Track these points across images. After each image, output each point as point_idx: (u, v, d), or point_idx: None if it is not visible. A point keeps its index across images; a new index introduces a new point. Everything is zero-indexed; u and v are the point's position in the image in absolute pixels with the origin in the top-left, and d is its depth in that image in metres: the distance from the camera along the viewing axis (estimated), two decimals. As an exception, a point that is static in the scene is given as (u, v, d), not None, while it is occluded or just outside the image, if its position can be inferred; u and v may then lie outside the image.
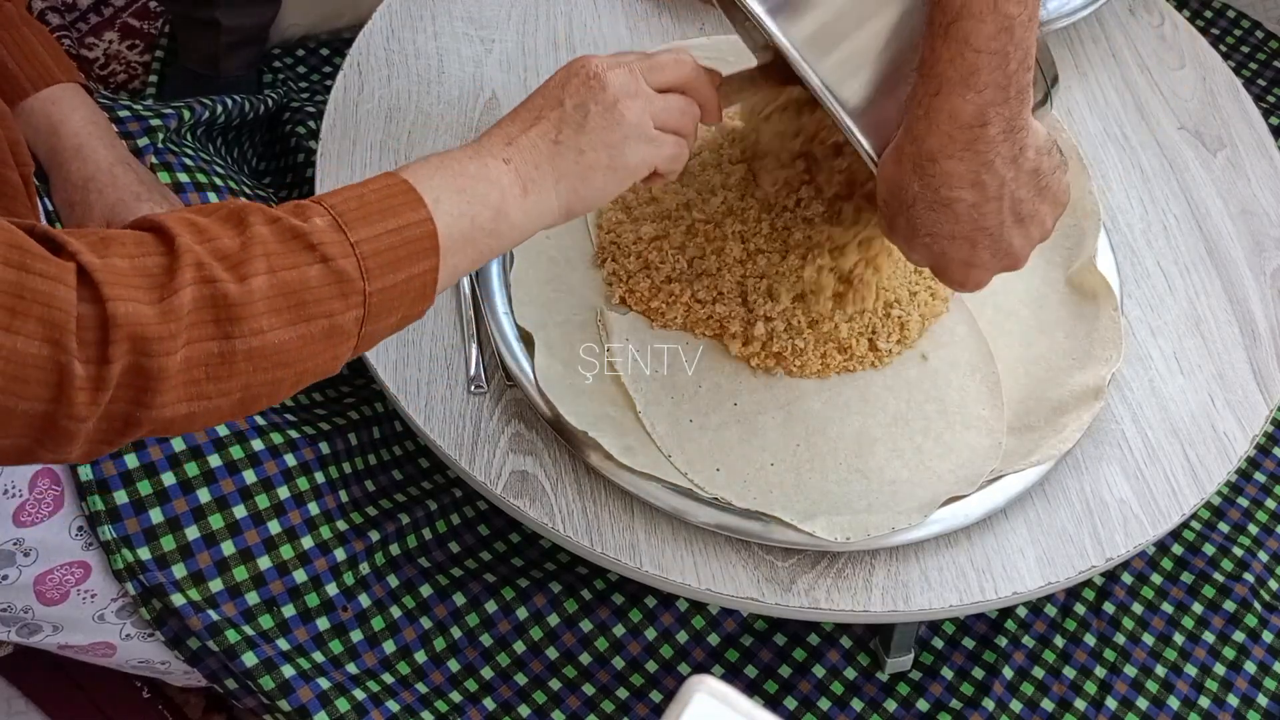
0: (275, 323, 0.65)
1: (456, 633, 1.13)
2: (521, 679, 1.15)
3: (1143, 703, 1.23)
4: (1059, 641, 1.26)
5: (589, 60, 0.79)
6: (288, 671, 1.00)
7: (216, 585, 1.00)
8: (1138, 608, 1.29)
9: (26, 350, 0.58)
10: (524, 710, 1.13)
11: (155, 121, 1.13)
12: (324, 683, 1.01)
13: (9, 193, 0.85)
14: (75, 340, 0.59)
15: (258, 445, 1.03)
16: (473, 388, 1.01)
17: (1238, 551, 1.33)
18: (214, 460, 1.01)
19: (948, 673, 1.24)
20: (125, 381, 0.61)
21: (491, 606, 1.15)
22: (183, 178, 1.11)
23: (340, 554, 1.05)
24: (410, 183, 0.71)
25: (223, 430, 1.01)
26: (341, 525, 1.07)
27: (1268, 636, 1.29)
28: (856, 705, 1.21)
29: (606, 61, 0.79)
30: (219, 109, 1.27)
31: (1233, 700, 1.25)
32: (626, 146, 0.78)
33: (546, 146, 0.77)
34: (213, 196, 1.12)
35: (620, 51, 0.83)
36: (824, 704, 1.21)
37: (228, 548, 1.01)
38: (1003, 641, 1.25)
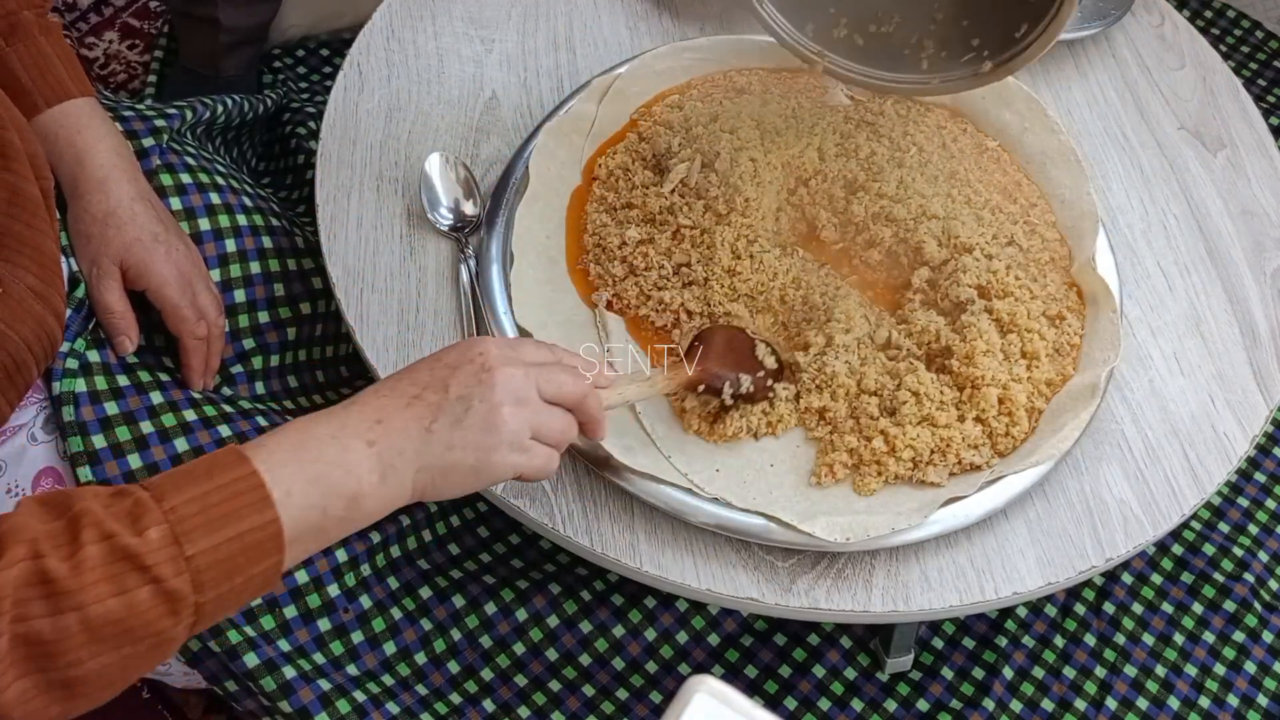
0: (97, 651, 0.63)
1: (456, 634, 1.13)
2: (521, 680, 1.15)
3: (1143, 703, 1.23)
4: (1059, 641, 1.26)
5: (488, 349, 0.77)
6: (289, 673, 1.00)
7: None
8: (1138, 608, 1.29)
9: None
10: (524, 712, 1.13)
11: (160, 122, 1.13)
12: (325, 684, 1.01)
13: (30, 207, 0.85)
14: None
15: (258, 446, 1.03)
16: (473, 388, 1.01)
17: (1238, 551, 1.33)
18: (215, 462, 1.01)
19: (948, 673, 1.24)
20: None
21: (491, 608, 1.15)
22: (185, 178, 1.11)
23: (341, 555, 1.05)
24: (261, 476, 0.68)
25: (225, 431, 1.01)
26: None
27: (1268, 636, 1.29)
28: (856, 705, 1.21)
29: (505, 354, 0.78)
30: (219, 109, 1.27)
31: (1233, 700, 1.25)
32: (495, 453, 0.76)
33: (417, 433, 0.74)
34: (215, 196, 1.12)
35: (530, 341, 0.82)
36: (824, 704, 1.21)
37: (228, 548, 1.01)
38: (1003, 641, 1.25)
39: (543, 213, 1.10)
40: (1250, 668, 1.27)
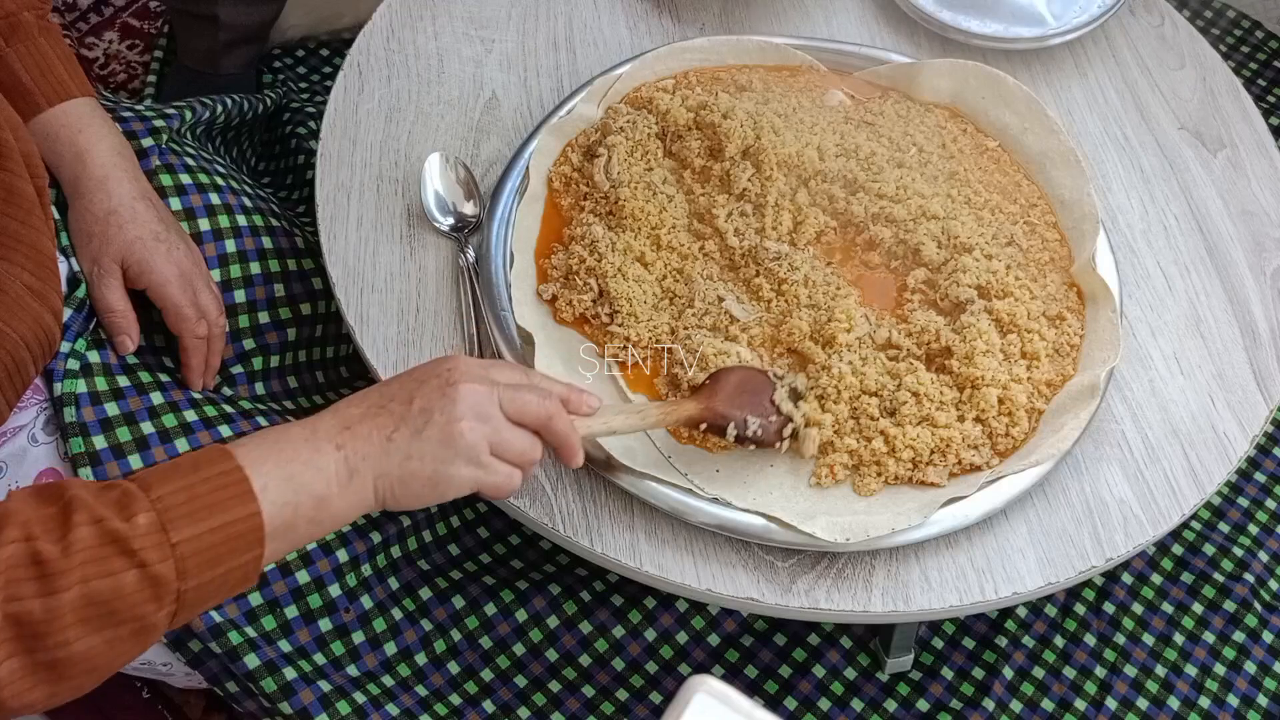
0: (83, 633, 0.65)
1: (456, 635, 1.13)
2: (521, 681, 1.15)
3: (1143, 703, 1.23)
4: (1059, 641, 1.26)
5: (457, 365, 0.79)
6: (290, 674, 1.00)
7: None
8: (1138, 608, 1.29)
9: None
10: (524, 712, 1.13)
11: (159, 122, 1.13)
12: (325, 685, 1.01)
13: (24, 205, 0.85)
14: None
15: (260, 446, 1.03)
16: (473, 388, 1.01)
17: (1238, 552, 1.33)
18: (216, 461, 1.01)
19: (948, 673, 1.24)
20: None
21: (491, 609, 1.15)
22: (185, 179, 1.11)
23: (343, 554, 1.05)
24: (244, 471, 0.70)
25: (226, 431, 1.01)
26: (344, 525, 1.07)
27: (1268, 636, 1.29)
28: (856, 705, 1.21)
29: (473, 372, 0.79)
30: (219, 109, 1.27)
31: (1233, 700, 1.25)
32: (452, 466, 0.77)
33: (379, 441, 0.76)
34: (215, 197, 1.12)
35: (504, 362, 0.83)
36: (824, 704, 1.21)
37: (230, 548, 1.01)
38: (1003, 641, 1.25)
39: (543, 213, 1.10)
40: (1250, 668, 1.27)
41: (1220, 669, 1.27)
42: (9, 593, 0.63)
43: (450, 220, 1.09)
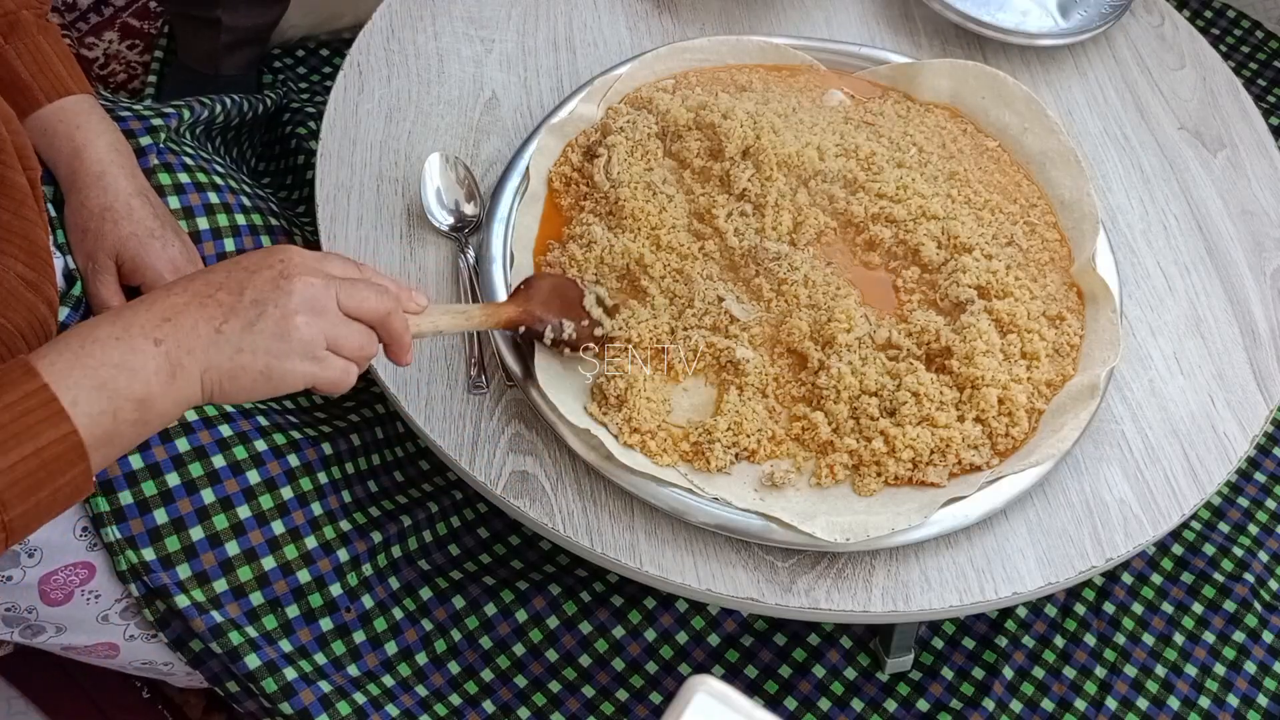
0: None
1: (456, 635, 1.13)
2: (521, 681, 1.15)
3: (1143, 703, 1.23)
4: (1059, 641, 1.26)
5: (290, 257, 0.76)
6: (290, 674, 1.00)
7: (221, 585, 1.00)
8: (1138, 608, 1.29)
9: None
10: (524, 713, 1.13)
11: (157, 121, 1.13)
12: (325, 686, 1.01)
13: (16, 196, 0.85)
14: None
15: (261, 446, 1.03)
16: (473, 388, 1.01)
17: (1238, 551, 1.33)
18: (218, 461, 1.01)
19: (948, 673, 1.24)
20: None
21: (491, 609, 1.15)
22: (183, 178, 1.11)
23: (343, 554, 1.05)
24: (51, 389, 0.67)
25: (226, 431, 1.01)
26: (345, 525, 1.07)
27: (1268, 636, 1.29)
28: (856, 705, 1.21)
29: (307, 265, 0.76)
30: (218, 109, 1.27)
31: (1233, 700, 1.25)
32: (287, 360, 0.74)
33: (206, 333, 0.72)
34: (213, 196, 1.12)
35: (337, 255, 0.80)
36: (824, 704, 1.21)
37: (232, 548, 1.01)
38: (1003, 641, 1.25)
39: (543, 213, 1.10)
40: (1250, 668, 1.27)
41: (1220, 669, 1.27)
42: None
43: (450, 220, 1.09)
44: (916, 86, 1.19)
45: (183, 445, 0.99)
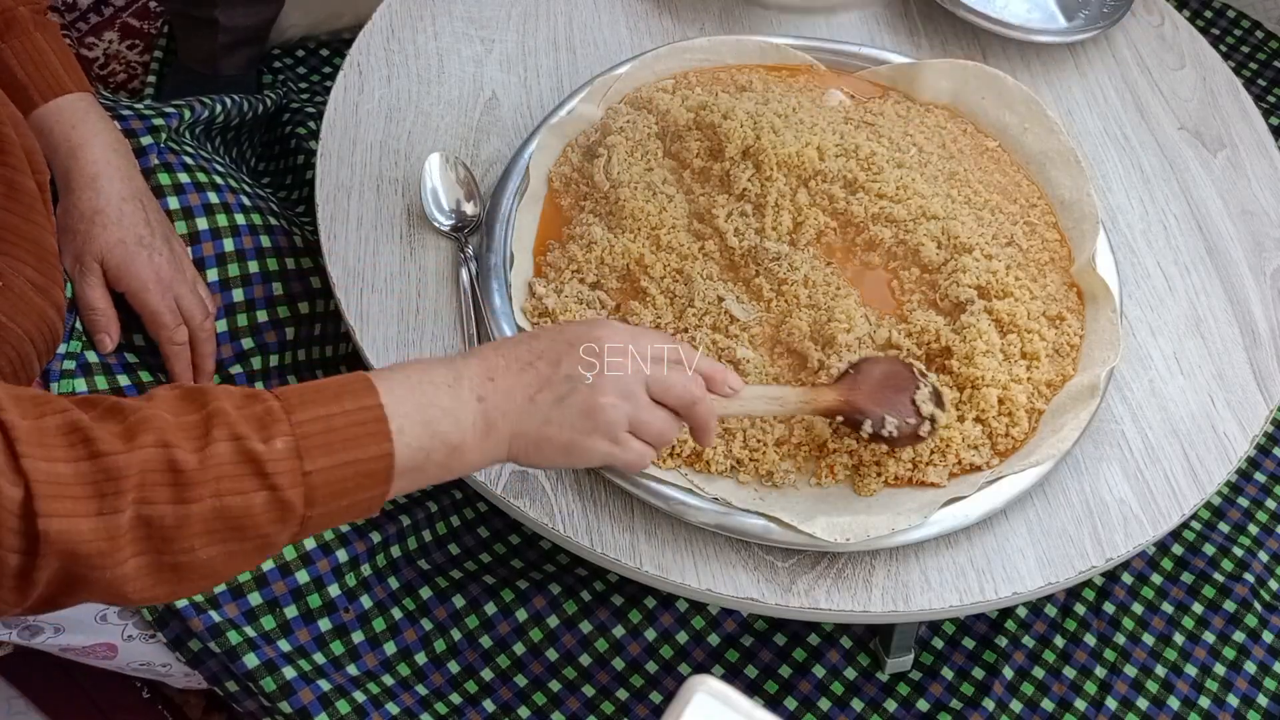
0: (208, 543, 0.66)
1: (456, 634, 1.13)
2: (521, 681, 1.15)
3: (1143, 703, 1.23)
4: (1059, 641, 1.26)
5: (608, 333, 0.78)
6: (289, 673, 1.00)
7: (218, 585, 1.00)
8: (1138, 608, 1.29)
9: None
10: (524, 712, 1.13)
11: (158, 121, 1.13)
12: (325, 685, 1.01)
13: (26, 200, 0.85)
14: (9, 539, 0.61)
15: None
16: (473, 388, 1.01)
17: (1238, 551, 1.33)
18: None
19: (948, 673, 1.24)
20: (56, 580, 0.63)
21: (491, 608, 1.15)
22: (183, 177, 1.11)
23: (342, 555, 1.05)
24: (383, 410, 0.71)
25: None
26: (343, 526, 1.07)
27: (1268, 636, 1.29)
28: (856, 705, 1.21)
29: (623, 345, 0.78)
30: (217, 108, 1.27)
31: (1233, 700, 1.25)
32: (589, 438, 0.77)
33: (521, 400, 0.76)
34: (213, 195, 1.12)
35: (657, 332, 0.82)
36: (824, 704, 1.21)
37: (229, 548, 1.01)
38: (1003, 641, 1.25)
39: (542, 213, 1.10)
40: (1250, 668, 1.27)
41: (1220, 669, 1.26)
42: (143, 495, 0.64)
43: (450, 220, 1.09)
44: (916, 86, 1.19)
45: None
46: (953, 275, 1.04)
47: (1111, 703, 1.23)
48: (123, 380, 1.01)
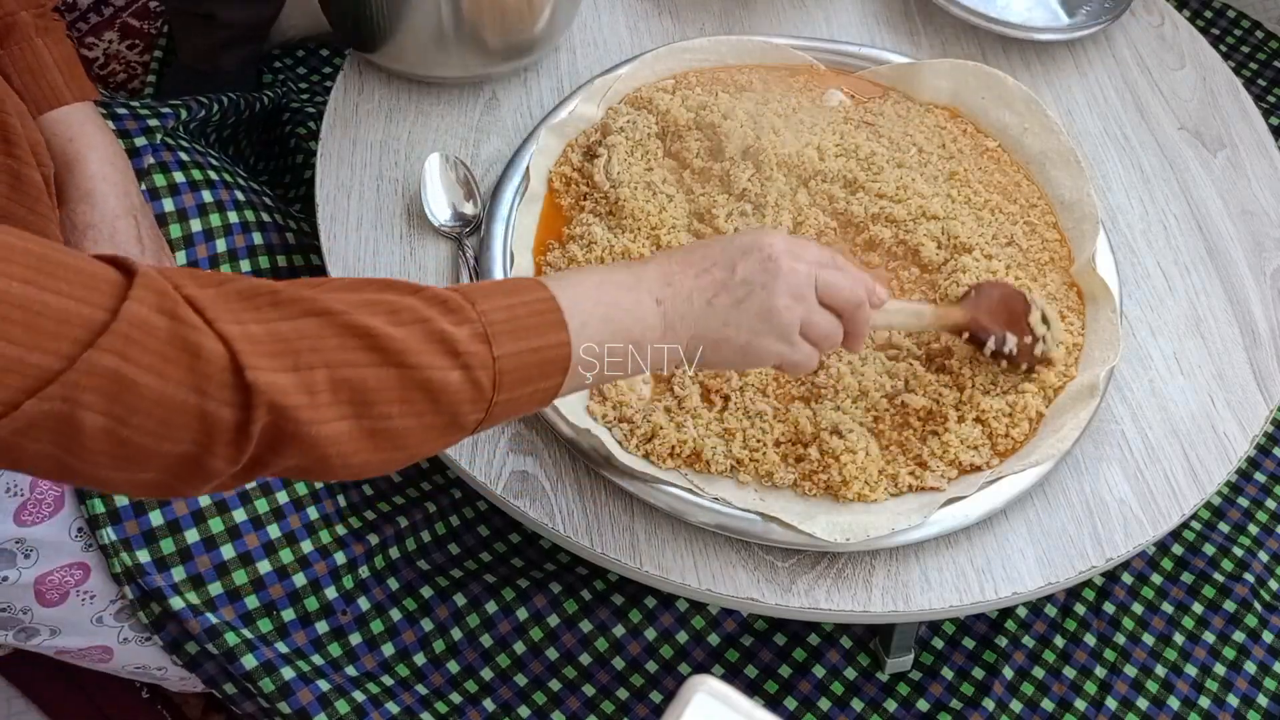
0: (405, 410, 0.67)
1: (456, 634, 1.13)
2: (521, 680, 1.15)
3: (1143, 703, 1.23)
4: (1059, 641, 1.26)
5: (776, 241, 0.80)
6: (288, 674, 1.00)
7: (216, 589, 1.00)
8: (1138, 608, 1.29)
9: (175, 396, 0.60)
10: (524, 711, 1.13)
11: (153, 121, 1.12)
12: (324, 685, 1.01)
13: (32, 192, 0.85)
14: (222, 393, 0.62)
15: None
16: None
17: (1238, 551, 1.33)
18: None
19: (948, 673, 1.24)
20: (266, 436, 0.64)
21: (491, 607, 1.15)
22: (178, 176, 1.11)
23: (340, 557, 1.05)
24: (560, 305, 0.73)
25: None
26: (341, 529, 1.07)
27: (1268, 636, 1.29)
28: (856, 705, 1.21)
29: (792, 249, 0.80)
30: (215, 107, 1.27)
31: (1233, 700, 1.25)
32: (764, 339, 0.80)
33: (700, 303, 0.78)
34: (208, 194, 1.12)
35: (814, 242, 0.84)
36: (824, 704, 1.21)
37: (227, 551, 1.01)
38: (1003, 641, 1.25)
39: (542, 212, 1.10)
40: (1250, 668, 1.27)
41: (1220, 669, 1.26)
42: (341, 358, 0.65)
43: (450, 220, 1.09)
44: (916, 86, 1.19)
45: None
46: (953, 275, 1.04)
47: (1111, 703, 1.23)
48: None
